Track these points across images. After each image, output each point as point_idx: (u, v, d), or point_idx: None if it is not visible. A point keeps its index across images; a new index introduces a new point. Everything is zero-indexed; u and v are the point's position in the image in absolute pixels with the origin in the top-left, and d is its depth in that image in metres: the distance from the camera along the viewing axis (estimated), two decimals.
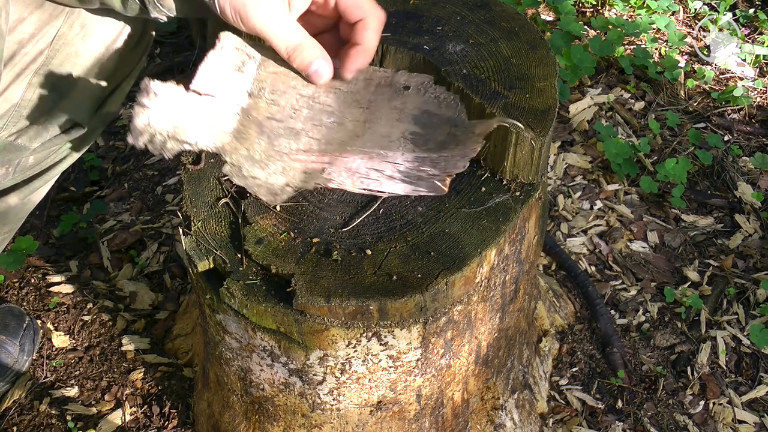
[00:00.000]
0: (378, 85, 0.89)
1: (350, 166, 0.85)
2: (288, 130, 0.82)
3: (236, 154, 0.80)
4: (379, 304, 0.97)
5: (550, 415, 1.49)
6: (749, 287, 1.73)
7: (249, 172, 0.80)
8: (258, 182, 0.81)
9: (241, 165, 0.80)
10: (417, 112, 0.90)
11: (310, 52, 0.83)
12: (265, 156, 0.81)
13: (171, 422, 1.45)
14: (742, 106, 2.20)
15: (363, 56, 0.86)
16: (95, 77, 1.12)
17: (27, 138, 1.08)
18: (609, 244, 1.81)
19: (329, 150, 0.84)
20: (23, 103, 1.05)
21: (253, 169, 0.81)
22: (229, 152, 0.79)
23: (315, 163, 0.84)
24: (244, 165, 0.80)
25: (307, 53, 0.83)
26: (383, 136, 0.87)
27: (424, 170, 0.89)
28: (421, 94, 0.92)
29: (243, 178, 0.80)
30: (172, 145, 0.76)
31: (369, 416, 1.13)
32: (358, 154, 0.85)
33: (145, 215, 1.85)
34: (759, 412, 1.53)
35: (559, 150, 2.03)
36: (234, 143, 0.80)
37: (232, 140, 0.80)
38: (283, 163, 0.82)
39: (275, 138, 0.82)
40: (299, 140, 0.83)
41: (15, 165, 1.10)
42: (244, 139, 0.80)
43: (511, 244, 1.09)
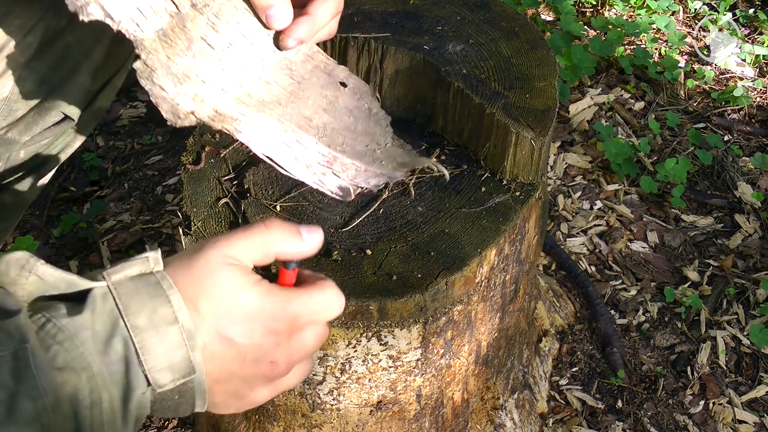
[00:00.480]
0: (316, 66, 0.87)
1: (263, 129, 0.81)
2: (215, 61, 0.79)
3: (155, 55, 0.76)
4: (379, 304, 0.97)
5: (550, 415, 1.49)
6: (749, 287, 1.73)
7: (159, 80, 0.76)
8: (164, 95, 0.76)
9: (155, 69, 0.76)
10: (345, 112, 0.87)
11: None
12: (183, 73, 0.77)
13: (171, 422, 1.45)
14: (742, 106, 2.20)
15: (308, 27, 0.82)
16: (85, 70, 1.12)
17: (17, 132, 1.08)
18: (609, 244, 1.81)
19: (247, 102, 0.80)
20: (13, 96, 1.05)
21: (165, 80, 0.76)
22: (147, 50, 0.75)
23: (229, 107, 0.79)
24: (158, 71, 0.76)
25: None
26: (305, 116, 0.83)
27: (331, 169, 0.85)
28: (355, 99, 0.89)
29: (151, 83, 0.75)
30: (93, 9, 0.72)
31: (369, 416, 1.13)
32: (275, 121, 0.81)
33: (145, 215, 1.85)
34: (759, 412, 1.53)
35: (559, 150, 2.03)
36: (156, 44, 0.76)
37: (155, 39, 0.76)
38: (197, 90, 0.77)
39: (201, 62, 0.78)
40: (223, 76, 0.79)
41: (5, 159, 1.10)
42: (169, 46, 0.76)
43: (511, 244, 1.09)
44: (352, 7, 1.26)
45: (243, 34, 0.81)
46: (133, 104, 2.12)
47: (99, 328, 0.64)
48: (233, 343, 0.69)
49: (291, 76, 0.85)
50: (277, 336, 0.71)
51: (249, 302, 0.70)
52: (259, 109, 0.81)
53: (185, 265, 0.71)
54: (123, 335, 0.64)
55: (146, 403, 0.67)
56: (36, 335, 0.62)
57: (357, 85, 0.90)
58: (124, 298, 0.66)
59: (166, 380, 0.66)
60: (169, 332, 0.66)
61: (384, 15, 1.25)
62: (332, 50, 1.19)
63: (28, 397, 0.59)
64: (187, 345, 0.66)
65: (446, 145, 1.19)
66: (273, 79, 0.83)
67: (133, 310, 0.65)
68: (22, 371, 0.59)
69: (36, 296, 0.67)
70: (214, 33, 0.79)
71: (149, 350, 0.65)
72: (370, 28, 1.21)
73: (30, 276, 0.66)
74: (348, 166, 0.85)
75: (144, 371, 0.65)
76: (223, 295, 0.69)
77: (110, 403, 0.64)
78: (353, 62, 1.19)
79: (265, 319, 0.71)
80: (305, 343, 0.75)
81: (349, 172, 0.85)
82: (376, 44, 1.17)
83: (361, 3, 1.28)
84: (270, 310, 0.71)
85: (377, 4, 1.28)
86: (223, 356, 0.69)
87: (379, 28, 1.22)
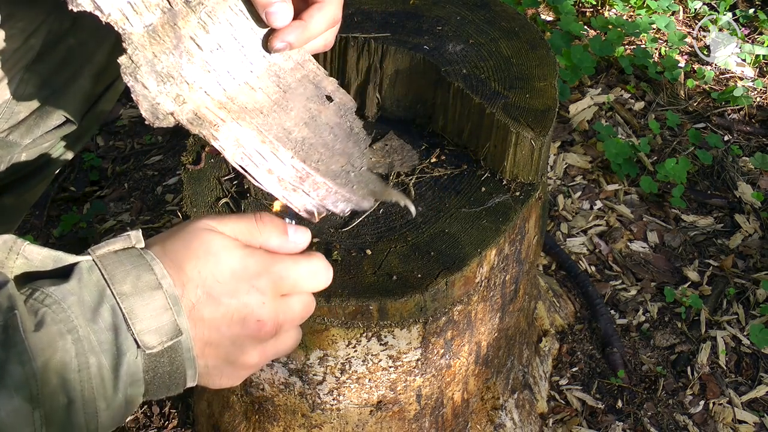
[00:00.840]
0: (305, 76, 0.85)
1: (240, 137, 0.79)
2: (202, 63, 0.78)
3: (141, 51, 0.74)
4: (379, 304, 0.97)
5: (550, 415, 1.49)
6: (749, 287, 1.73)
7: (143, 78, 0.74)
8: (145, 93, 0.75)
9: (140, 66, 0.74)
10: (326, 128, 0.86)
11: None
12: (167, 72, 0.76)
13: (171, 422, 1.45)
14: (742, 106, 2.20)
15: (299, 31, 0.81)
16: (87, 74, 1.12)
17: (18, 134, 1.08)
18: (609, 244, 1.81)
19: (229, 107, 0.79)
20: (15, 99, 1.05)
21: (148, 78, 0.75)
22: (134, 45, 0.74)
23: (209, 112, 0.78)
24: (142, 67, 0.74)
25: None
26: (285, 129, 0.82)
27: (302, 186, 0.84)
28: (338, 115, 0.87)
29: (134, 80, 0.74)
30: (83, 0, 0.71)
31: (369, 416, 1.13)
32: (254, 131, 0.80)
33: (145, 215, 1.85)
34: (759, 412, 1.53)
35: (559, 150, 2.03)
36: (144, 40, 0.74)
37: (144, 35, 0.74)
38: (180, 91, 0.76)
39: (187, 62, 0.77)
40: (207, 79, 0.78)
41: (7, 161, 1.10)
42: (156, 43, 0.75)
43: (511, 244, 1.09)
44: (352, 7, 1.26)
45: (234, 36, 0.80)
46: (133, 104, 2.12)
47: (86, 297, 0.66)
48: (220, 303, 0.71)
49: (278, 84, 0.84)
50: (261, 294, 0.73)
51: (234, 261, 0.72)
52: (239, 117, 0.80)
53: (173, 233, 0.73)
54: (110, 303, 0.66)
55: (138, 372, 0.67)
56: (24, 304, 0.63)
57: (343, 100, 0.89)
58: (109, 269, 0.68)
59: (155, 342, 0.67)
60: (154, 296, 0.67)
61: (384, 15, 1.25)
62: (332, 50, 1.19)
63: (18, 361, 0.60)
64: (173, 309, 0.68)
65: (446, 145, 1.19)
66: (259, 86, 0.82)
67: (118, 279, 0.67)
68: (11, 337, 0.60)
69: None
70: (204, 33, 0.78)
71: (136, 314, 0.67)
72: (370, 28, 1.21)
73: (18, 258, 0.68)
74: (319, 185, 0.84)
75: (133, 335, 0.66)
76: (208, 256, 0.71)
77: (99, 369, 0.64)
78: (353, 62, 1.20)
79: (250, 277, 0.72)
80: (291, 307, 0.76)
81: (319, 192, 0.84)
82: (376, 44, 1.17)
83: (361, 3, 1.28)
84: (254, 267, 0.73)
85: (377, 4, 1.28)
86: (212, 317, 0.71)
87: (379, 28, 1.22)
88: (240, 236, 0.75)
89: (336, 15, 0.82)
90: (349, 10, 1.25)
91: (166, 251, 0.71)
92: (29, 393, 0.60)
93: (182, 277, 0.70)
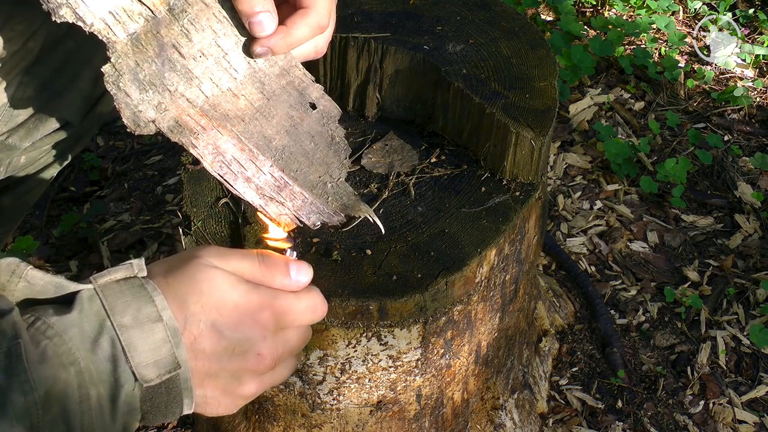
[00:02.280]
0: (290, 82, 0.85)
1: (219, 145, 0.80)
2: (184, 71, 0.78)
3: (124, 59, 0.75)
4: (379, 304, 0.97)
5: (550, 415, 1.49)
6: (749, 287, 1.73)
7: (125, 86, 0.75)
8: (128, 101, 0.76)
9: (122, 74, 0.75)
10: (307, 136, 0.87)
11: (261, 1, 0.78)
12: (149, 80, 0.76)
13: (171, 422, 1.45)
14: (742, 106, 2.20)
15: (281, 39, 0.80)
16: (87, 76, 1.12)
17: (18, 137, 1.08)
18: (609, 244, 1.81)
19: (210, 115, 0.79)
20: (13, 102, 1.05)
21: (130, 86, 0.75)
22: (118, 53, 0.74)
23: (191, 119, 0.79)
24: (125, 76, 0.75)
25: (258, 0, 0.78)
26: (265, 137, 0.83)
27: (279, 196, 0.85)
28: (320, 124, 0.88)
29: (116, 88, 0.75)
30: (65, 12, 0.72)
31: (369, 416, 1.13)
32: (234, 139, 0.81)
33: (145, 215, 1.85)
34: (759, 412, 1.53)
35: (559, 150, 2.03)
36: (127, 48, 0.75)
37: (127, 43, 0.75)
38: (162, 99, 0.77)
39: (169, 70, 0.77)
40: (189, 86, 0.78)
41: (6, 165, 1.10)
42: (139, 51, 0.75)
43: (511, 244, 1.09)
44: (352, 7, 1.26)
45: (218, 43, 0.79)
46: None
47: (86, 327, 0.66)
48: (222, 336, 0.71)
49: (262, 90, 0.83)
50: (263, 329, 0.74)
51: (237, 296, 0.73)
52: (220, 125, 0.80)
53: (175, 265, 0.73)
54: (110, 334, 0.66)
55: (135, 402, 0.68)
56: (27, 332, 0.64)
57: (327, 108, 0.88)
58: (110, 299, 0.68)
59: (153, 375, 0.67)
60: (154, 329, 0.68)
61: (384, 15, 1.25)
62: (332, 50, 1.19)
63: (20, 391, 0.60)
64: (172, 342, 0.68)
65: (446, 145, 1.19)
66: (242, 93, 0.82)
67: (118, 310, 0.67)
68: (14, 365, 0.61)
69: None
70: (186, 41, 0.78)
71: (135, 347, 0.67)
72: (370, 28, 1.21)
73: (20, 282, 0.68)
74: (296, 195, 0.85)
75: (131, 367, 0.67)
76: (212, 290, 0.71)
77: (98, 399, 0.65)
78: (353, 62, 1.20)
79: (253, 312, 0.73)
80: (290, 339, 0.78)
81: (295, 202, 0.86)
82: (376, 44, 1.17)
83: (361, 3, 1.28)
84: (257, 302, 0.74)
85: (377, 4, 1.28)
86: (213, 349, 0.71)
87: (379, 28, 1.22)
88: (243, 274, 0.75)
89: (321, 22, 0.82)
90: (349, 10, 1.25)
91: (168, 283, 0.71)
92: (30, 422, 0.60)
93: (185, 310, 0.70)
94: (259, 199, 0.84)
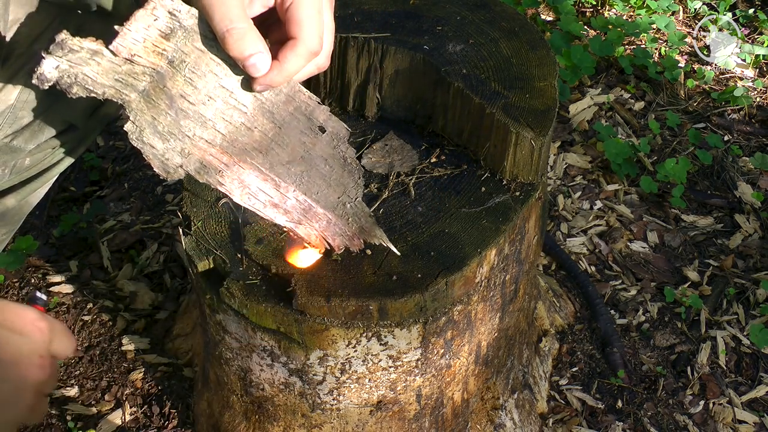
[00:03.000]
0: (297, 108, 0.88)
1: (244, 179, 0.86)
2: (197, 116, 0.82)
3: (141, 115, 0.79)
4: (379, 304, 0.97)
5: (550, 415, 1.49)
6: (749, 287, 1.73)
7: (149, 139, 0.80)
8: (154, 152, 0.81)
9: (143, 129, 0.80)
10: (321, 160, 0.91)
11: (252, 44, 0.78)
12: (168, 130, 0.81)
13: (171, 422, 1.45)
14: (742, 106, 2.20)
15: (277, 74, 0.81)
16: None
17: (22, 140, 1.08)
18: (609, 244, 1.81)
19: (230, 152, 0.84)
20: (18, 104, 1.05)
21: (153, 138, 0.80)
22: (135, 111, 0.79)
23: (213, 158, 0.84)
24: (146, 130, 0.80)
25: (248, 44, 0.78)
26: (283, 164, 0.88)
27: (305, 218, 0.90)
28: (331, 146, 0.92)
29: (141, 142, 0.80)
30: (77, 90, 0.76)
31: (369, 416, 1.13)
32: (255, 171, 0.86)
33: (145, 215, 1.85)
34: (759, 412, 1.53)
35: (559, 150, 2.03)
36: (141, 104, 0.79)
37: (140, 100, 0.79)
38: (184, 145, 0.82)
39: (183, 118, 0.81)
40: (205, 129, 0.82)
41: (11, 167, 1.10)
42: (153, 106, 0.80)
43: (511, 244, 1.09)
44: (352, 7, 1.26)
45: (221, 84, 0.83)
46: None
47: None
48: None
49: (272, 120, 0.87)
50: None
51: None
52: (241, 159, 0.85)
53: None
54: None
55: None
56: None
57: (336, 129, 0.92)
58: None
59: None
60: None
61: (384, 15, 1.25)
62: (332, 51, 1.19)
63: None
64: None
65: (446, 145, 1.19)
66: (255, 125, 0.85)
67: None
68: None
69: None
70: (192, 89, 0.81)
71: None
72: (370, 28, 1.21)
73: None
74: (320, 217, 0.91)
75: None
76: None
77: None
78: (353, 62, 1.20)
79: None
80: None
81: (321, 223, 0.92)
82: (376, 44, 1.17)
83: (361, 3, 1.28)
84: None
85: (377, 4, 1.28)
86: None
87: (379, 28, 1.22)
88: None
89: (311, 48, 0.81)
90: (349, 10, 1.25)
91: None
92: None
93: None
94: (289, 222, 0.90)
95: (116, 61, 0.76)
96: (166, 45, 0.78)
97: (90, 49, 0.74)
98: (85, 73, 0.75)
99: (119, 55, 0.76)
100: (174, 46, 0.78)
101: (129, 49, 0.76)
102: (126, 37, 0.75)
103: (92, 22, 1.07)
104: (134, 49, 0.76)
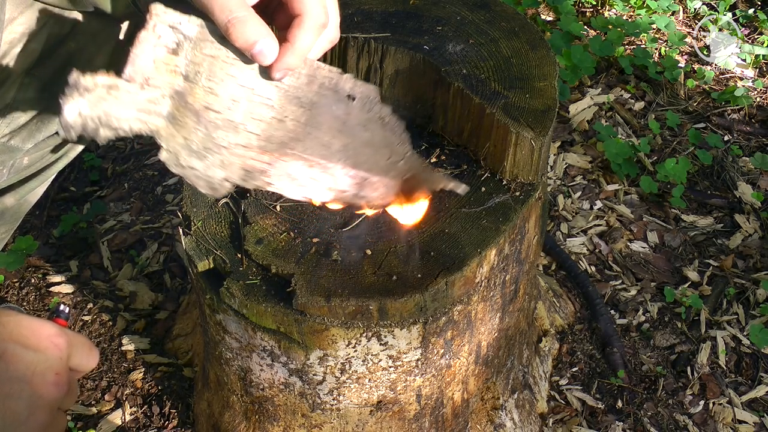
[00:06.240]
0: (321, 85, 0.86)
1: (290, 172, 0.83)
2: (227, 123, 0.80)
3: (173, 140, 0.77)
4: (379, 304, 0.97)
5: (550, 415, 1.49)
6: (749, 287, 1.73)
7: (187, 161, 0.78)
8: (196, 173, 0.78)
9: (179, 153, 0.77)
10: (360, 128, 0.88)
11: (255, 30, 0.76)
12: (203, 147, 0.79)
13: (171, 422, 1.45)
14: (742, 106, 2.20)
15: (292, 56, 0.79)
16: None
17: (20, 139, 1.08)
18: (609, 244, 1.81)
19: (269, 149, 0.82)
20: (15, 104, 1.04)
21: (191, 159, 0.78)
22: (165, 138, 0.77)
23: (255, 161, 0.81)
24: (181, 154, 0.77)
25: (251, 31, 0.76)
26: (323, 144, 0.85)
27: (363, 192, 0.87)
28: (365, 111, 0.88)
29: (181, 167, 0.77)
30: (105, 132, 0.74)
31: (369, 416, 1.13)
32: (299, 160, 0.83)
33: (145, 215, 1.85)
34: (759, 412, 1.53)
35: (559, 150, 2.03)
36: (170, 129, 0.77)
37: (167, 125, 0.77)
38: (222, 156, 0.79)
39: (214, 129, 0.79)
40: (238, 134, 0.80)
41: (9, 166, 1.10)
42: (181, 127, 0.78)
43: (511, 244, 1.09)
44: (352, 7, 1.26)
45: (241, 84, 0.81)
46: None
47: None
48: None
49: (300, 104, 0.85)
50: None
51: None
52: (281, 153, 0.83)
53: None
54: None
55: None
56: None
57: (365, 93, 0.89)
58: None
59: None
60: None
61: (384, 15, 1.25)
62: (332, 50, 1.19)
63: None
64: None
65: (446, 145, 1.19)
66: (285, 115, 0.83)
67: None
68: None
69: None
70: (214, 97, 0.79)
71: None
72: (370, 28, 1.21)
73: None
74: (377, 186, 0.88)
75: None
76: None
77: None
78: (353, 62, 1.20)
79: None
80: None
81: (379, 191, 0.88)
82: (376, 44, 1.17)
83: (361, 3, 1.28)
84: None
85: (377, 4, 1.28)
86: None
87: (379, 28, 1.22)
88: None
89: (318, 21, 0.80)
90: (349, 10, 1.25)
91: None
92: None
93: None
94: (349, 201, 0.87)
95: (133, 90, 0.74)
96: (176, 61, 0.76)
97: (105, 84, 0.72)
98: (107, 111, 0.73)
99: (134, 82, 0.74)
100: (185, 59, 0.77)
101: (142, 73, 0.74)
102: (136, 62, 0.74)
103: (88, 21, 1.07)
104: (147, 72, 0.74)
